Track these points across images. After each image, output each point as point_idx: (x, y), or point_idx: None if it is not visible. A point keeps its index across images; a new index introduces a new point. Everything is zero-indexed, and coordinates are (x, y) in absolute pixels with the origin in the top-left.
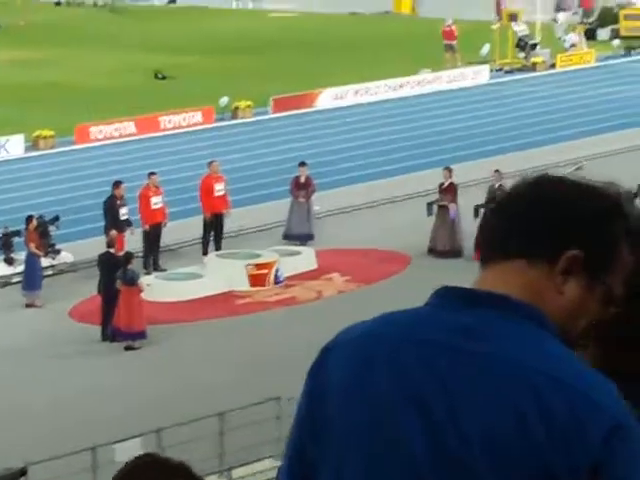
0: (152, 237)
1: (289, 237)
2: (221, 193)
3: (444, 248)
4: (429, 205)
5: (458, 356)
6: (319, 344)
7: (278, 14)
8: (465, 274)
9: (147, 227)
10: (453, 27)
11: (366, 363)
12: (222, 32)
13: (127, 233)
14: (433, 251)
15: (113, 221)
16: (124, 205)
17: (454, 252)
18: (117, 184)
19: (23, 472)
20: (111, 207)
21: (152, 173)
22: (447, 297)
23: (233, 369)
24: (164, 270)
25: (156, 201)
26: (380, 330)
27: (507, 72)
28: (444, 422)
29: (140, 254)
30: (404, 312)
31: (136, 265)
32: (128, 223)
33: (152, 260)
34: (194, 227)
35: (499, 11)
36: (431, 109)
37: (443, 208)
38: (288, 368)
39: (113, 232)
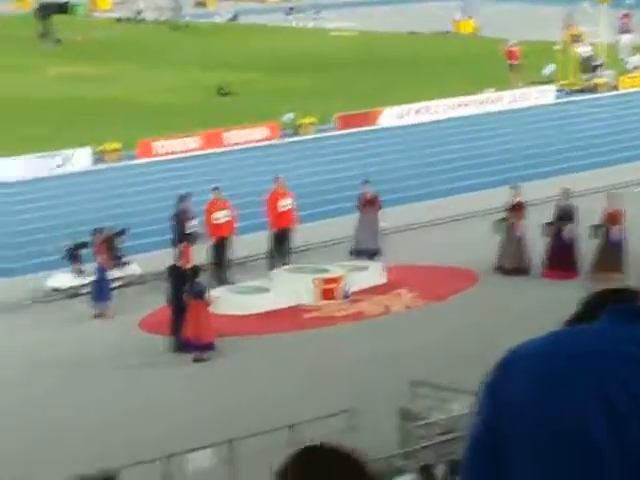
0: (218, 250)
1: (357, 252)
2: (288, 208)
3: (511, 266)
4: (496, 223)
5: (637, 365)
6: (387, 358)
7: (338, 33)
8: (532, 292)
9: (212, 240)
10: (516, 47)
11: (550, 377)
12: (283, 50)
13: (194, 246)
14: (500, 268)
15: (181, 234)
16: (191, 218)
17: (521, 270)
18: (184, 197)
19: (112, 476)
20: (178, 220)
21: (215, 188)
22: (617, 313)
23: (301, 382)
24: (232, 283)
25: (220, 215)
26: (557, 345)
27: (569, 93)
28: (628, 420)
29: (208, 267)
30: (574, 329)
31: (204, 278)
32: (195, 236)
33: (220, 273)
34: (262, 241)
35: (564, 32)
36: (496, 128)
37: (510, 226)
38: (356, 381)
39: (180, 245)
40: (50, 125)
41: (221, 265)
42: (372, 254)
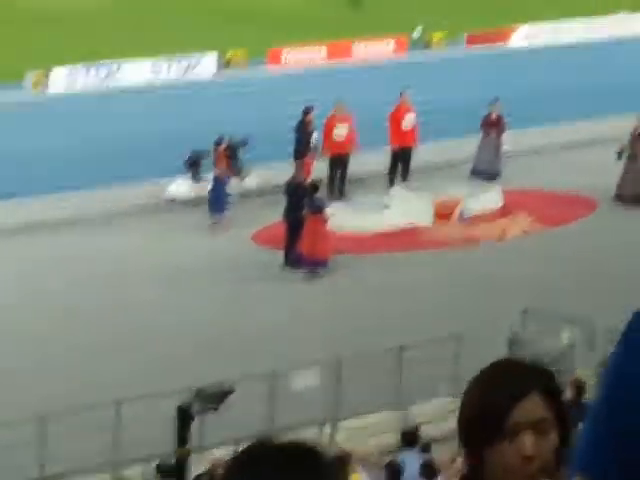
0: (336, 165)
1: (476, 173)
2: (409, 127)
3: (631, 193)
4: (619, 151)
5: None
6: (501, 282)
7: None
8: None
9: (329, 155)
10: None
11: None
12: None
13: (315, 160)
14: (620, 197)
15: (302, 147)
16: (313, 131)
17: None
18: (307, 110)
19: (230, 391)
20: (301, 133)
21: (338, 101)
22: None
23: (414, 303)
24: (349, 199)
25: (339, 132)
26: None
27: None
28: None
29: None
30: None
31: (322, 193)
32: (316, 150)
33: (337, 189)
34: (384, 158)
35: None
36: (627, 53)
37: (634, 155)
38: (469, 306)
39: (301, 159)
40: (180, 29)
41: (340, 180)
42: (492, 176)
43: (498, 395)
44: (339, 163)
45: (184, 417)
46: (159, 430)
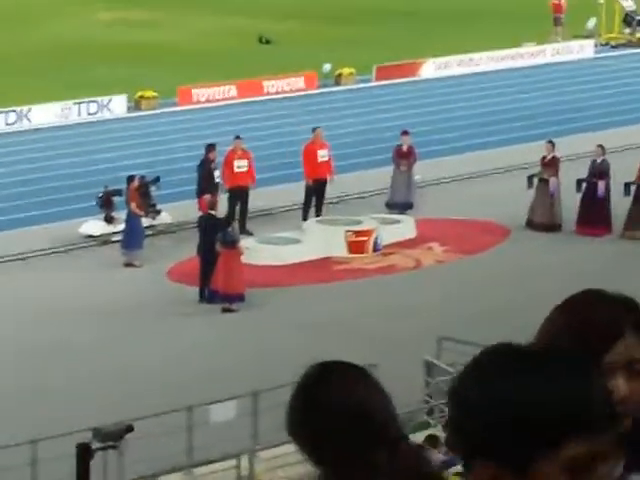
0: (236, 200)
1: (391, 206)
2: (325, 159)
3: (542, 221)
4: (530, 178)
5: None
6: (416, 312)
7: None
8: (562, 248)
9: (228, 190)
10: (562, 0)
11: None
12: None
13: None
14: (531, 224)
15: (207, 184)
16: (216, 168)
17: (552, 226)
18: (210, 147)
19: (129, 429)
20: (204, 170)
21: (237, 137)
22: None
23: (329, 334)
24: (251, 234)
25: (240, 164)
26: None
27: (613, 47)
28: None
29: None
30: None
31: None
32: (219, 186)
33: (239, 223)
34: (294, 192)
35: None
36: (535, 82)
37: (544, 181)
38: (385, 335)
39: (210, 194)
40: (88, 71)
41: (242, 215)
42: (405, 207)
43: (592, 332)
44: (239, 197)
45: (84, 455)
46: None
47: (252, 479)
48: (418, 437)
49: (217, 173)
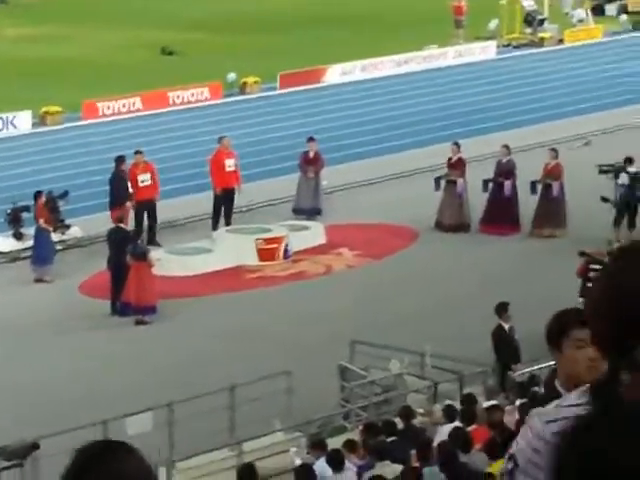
0: (143, 213)
1: (297, 212)
2: (232, 169)
3: (451, 222)
4: (437, 180)
5: None
6: (328, 317)
7: None
8: (471, 248)
9: (135, 203)
10: (462, 3)
11: None
12: (229, 10)
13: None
14: (440, 225)
15: (119, 196)
16: (127, 180)
17: (461, 226)
18: (120, 159)
19: (35, 446)
20: (117, 182)
21: (137, 152)
22: None
23: (243, 343)
24: (160, 246)
25: (144, 178)
26: None
27: (515, 47)
28: None
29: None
30: None
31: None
32: (129, 198)
33: (148, 236)
34: (203, 202)
35: None
36: (438, 85)
37: (451, 183)
38: (298, 342)
39: (126, 205)
40: None
41: (150, 227)
42: (313, 213)
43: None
44: (147, 209)
45: None
46: None
47: None
48: (336, 442)
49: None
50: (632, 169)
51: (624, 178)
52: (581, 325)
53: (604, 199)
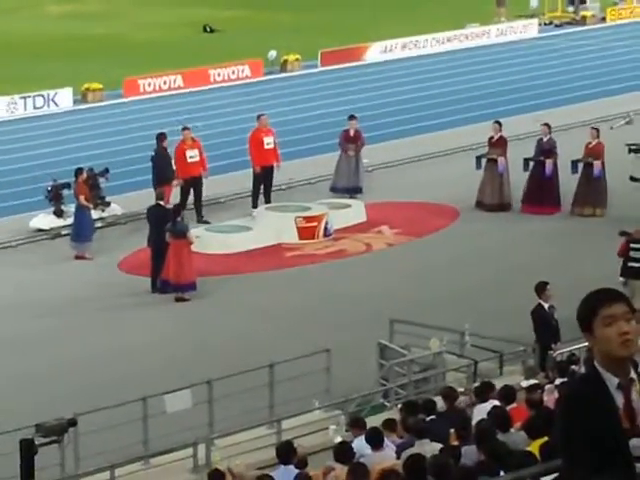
0: (190, 190)
1: (337, 190)
2: (271, 146)
3: (492, 201)
4: (478, 158)
5: None
6: (368, 296)
7: None
8: (512, 227)
9: (182, 180)
10: None
11: None
12: None
13: (174, 185)
14: (481, 204)
15: (161, 174)
16: (171, 157)
17: (502, 205)
18: (162, 136)
19: (73, 423)
20: (158, 159)
21: (185, 128)
22: None
23: (282, 321)
24: (207, 222)
25: (192, 154)
26: None
27: (557, 26)
28: None
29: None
30: None
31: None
32: (173, 176)
33: (195, 212)
34: (243, 180)
35: None
36: (480, 63)
37: (492, 162)
38: (337, 320)
39: (172, 183)
40: (35, 65)
41: (196, 204)
42: (353, 191)
43: None
44: (193, 186)
45: (27, 451)
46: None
47: (209, 467)
48: (375, 420)
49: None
50: None
51: None
52: (609, 303)
53: (633, 179)
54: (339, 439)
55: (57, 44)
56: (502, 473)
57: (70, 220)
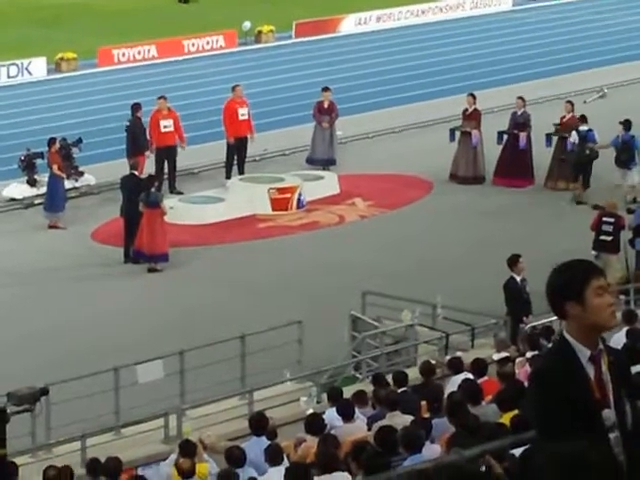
0: (163, 160)
1: (312, 161)
2: (245, 117)
3: (466, 174)
4: (452, 131)
5: None
6: (340, 268)
7: None
8: (486, 200)
9: (155, 150)
10: None
11: None
12: None
13: (147, 155)
14: (454, 177)
15: (136, 144)
16: (145, 127)
17: (476, 178)
18: (137, 106)
19: (44, 392)
20: (133, 130)
21: (161, 97)
22: None
23: (254, 292)
24: (181, 193)
25: (166, 124)
26: None
27: None
28: None
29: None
30: None
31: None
32: (147, 146)
33: (169, 182)
34: (217, 151)
35: None
36: (454, 36)
37: (466, 134)
38: (309, 291)
39: (145, 153)
40: (6, 33)
41: (170, 173)
42: (327, 163)
43: None
44: (167, 156)
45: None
46: None
47: (180, 438)
48: (346, 392)
49: (145, 133)
50: (584, 128)
51: (574, 136)
52: (598, 274)
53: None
54: (310, 411)
55: (29, 13)
56: None
57: (43, 189)
